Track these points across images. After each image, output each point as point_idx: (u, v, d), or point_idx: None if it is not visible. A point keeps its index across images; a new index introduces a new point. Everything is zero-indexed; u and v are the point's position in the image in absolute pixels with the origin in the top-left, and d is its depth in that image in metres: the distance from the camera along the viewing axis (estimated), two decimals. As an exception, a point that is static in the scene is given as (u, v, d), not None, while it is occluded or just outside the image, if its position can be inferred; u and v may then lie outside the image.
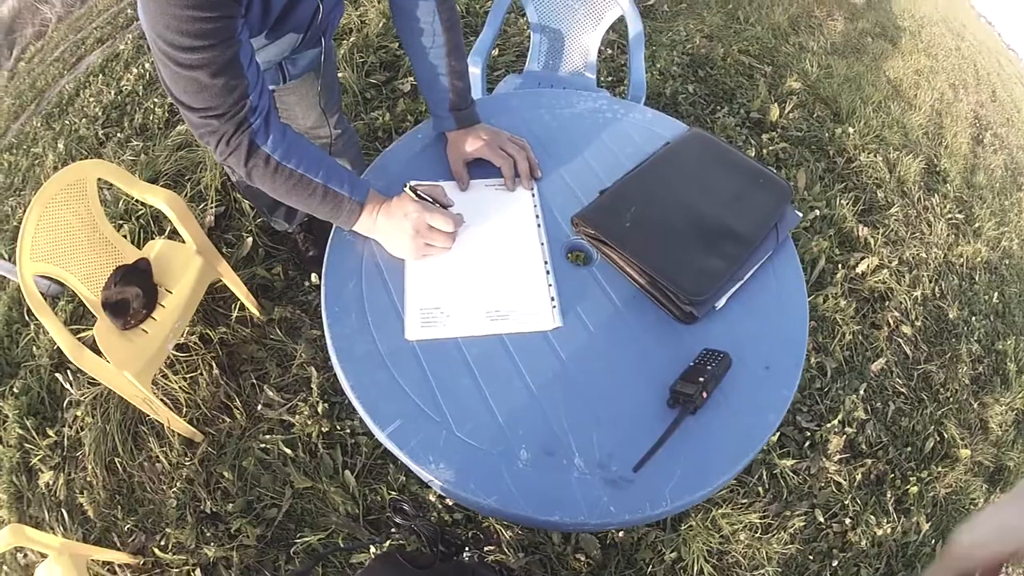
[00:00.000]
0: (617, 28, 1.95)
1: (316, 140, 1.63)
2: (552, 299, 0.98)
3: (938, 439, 2.09)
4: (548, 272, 1.02)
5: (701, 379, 0.88)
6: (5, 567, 1.76)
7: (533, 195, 1.13)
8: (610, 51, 2.99)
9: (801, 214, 1.16)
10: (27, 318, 2.17)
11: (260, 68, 0.92)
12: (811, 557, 1.75)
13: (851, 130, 3.01)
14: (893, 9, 5.07)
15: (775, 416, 0.91)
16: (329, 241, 1.05)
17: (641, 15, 1.90)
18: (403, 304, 0.97)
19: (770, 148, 2.74)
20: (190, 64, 0.80)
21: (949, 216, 2.89)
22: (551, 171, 1.18)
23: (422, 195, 1.02)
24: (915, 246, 2.64)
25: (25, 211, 1.46)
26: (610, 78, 2.87)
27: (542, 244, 1.05)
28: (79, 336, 1.95)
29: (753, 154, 2.68)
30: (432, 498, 1.66)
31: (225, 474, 1.72)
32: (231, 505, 1.68)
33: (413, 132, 1.23)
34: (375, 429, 0.86)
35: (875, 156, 2.94)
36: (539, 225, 1.08)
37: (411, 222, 0.98)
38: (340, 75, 2.58)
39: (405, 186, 1.04)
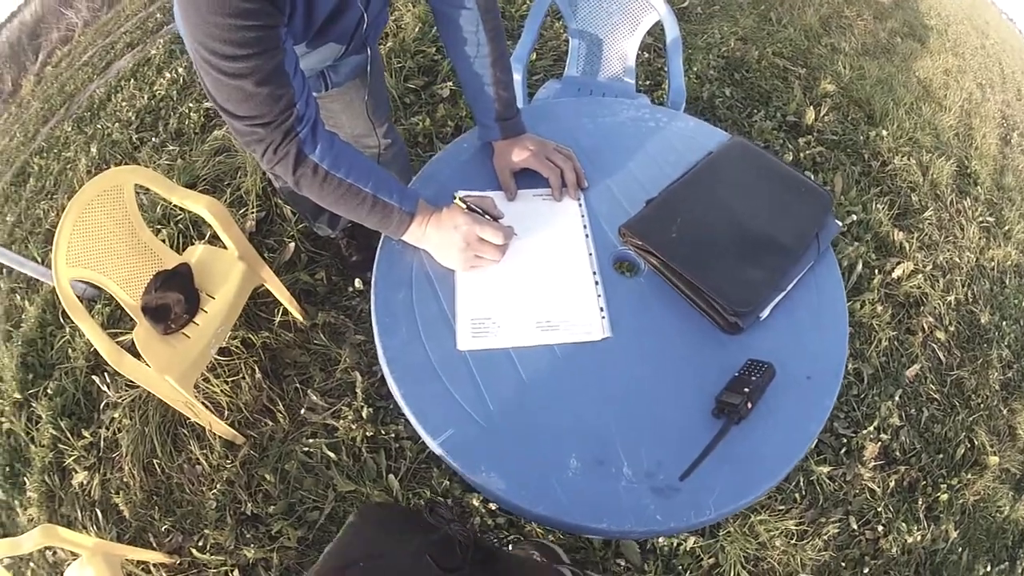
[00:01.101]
0: (653, 32, 1.95)
1: (364, 150, 1.63)
2: (601, 310, 0.99)
3: (968, 446, 2.07)
4: (597, 283, 1.02)
5: (746, 390, 0.89)
6: (32, 564, 1.79)
7: (580, 205, 1.13)
8: (647, 55, 3.00)
9: (840, 223, 1.15)
10: (62, 320, 2.22)
11: (305, 76, 0.92)
12: (843, 564, 1.75)
13: (884, 133, 2.99)
14: (920, 8, 5.02)
15: (816, 425, 0.91)
16: (378, 251, 1.06)
17: (676, 18, 1.90)
18: (454, 314, 0.98)
19: (807, 152, 2.73)
20: (234, 73, 0.80)
21: (980, 219, 2.85)
22: (596, 181, 1.18)
23: (473, 207, 1.03)
24: (948, 250, 2.61)
25: (58, 217, 1.48)
26: (647, 82, 2.88)
27: (590, 254, 1.06)
28: (117, 339, 1.99)
29: (790, 158, 2.67)
30: (476, 502, 1.67)
31: (267, 477, 1.75)
32: (272, 507, 1.71)
33: (459, 141, 1.24)
34: (427, 438, 0.88)
35: (908, 159, 2.91)
36: (587, 235, 1.09)
37: (461, 234, 0.98)
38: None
39: (455, 197, 1.04)
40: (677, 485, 0.84)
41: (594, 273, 1.03)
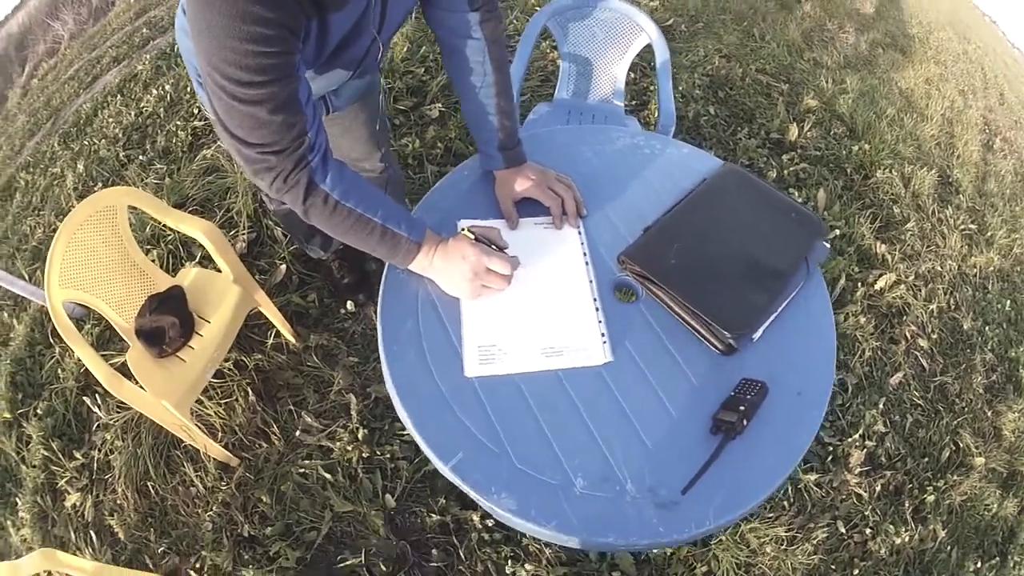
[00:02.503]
0: (640, 52, 1.98)
1: (361, 173, 1.64)
2: (603, 335, 1.02)
3: (953, 448, 2.13)
4: (598, 309, 1.06)
5: (741, 408, 0.94)
6: None
7: (580, 233, 1.17)
8: (632, 74, 3.03)
9: (829, 246, 1.20)
10: (51, 340, 2.19)
11: (315, 105, 0.92)
12: (833, 567, 1.79)
13: (867, 146, 3.06)
14: (901, 16, 5.12)
15: (807, 437, 0.97)
16: (383, 280, 1.08)
17: (665, 41, 1.94)
18: (461, 342, 1.00)
19: (790, 169, 2.79)
20: (249, 99, 0.79)
21: (962, 227, 2.93)
22: (595, 208, 1.22)
23: (480, 237, 1.05)
24: (930, 259, 2.68)
25: (49, 233, 1.46)
26: (634, 102, 2.91)
27: (590, 281, 1.09)
28: (109, 363, 1.98)
29: (774, 176, 2.72)
30: (475, 518, 1.69)
31: (263, 498, 1.75)
32: (269, 528, 1.71)
33: (460, 168, 1.27)
34: (437, 463, 0.90)
35: (890, 172, 2.98)
36: (587, 263, 1.12)
37: (470, 265, 1.01)
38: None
39: (461, 229, 1.07)
40: (679, 499, 0.88)
41: (595, 300, 1.07)
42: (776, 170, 2.76)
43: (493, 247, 1.06)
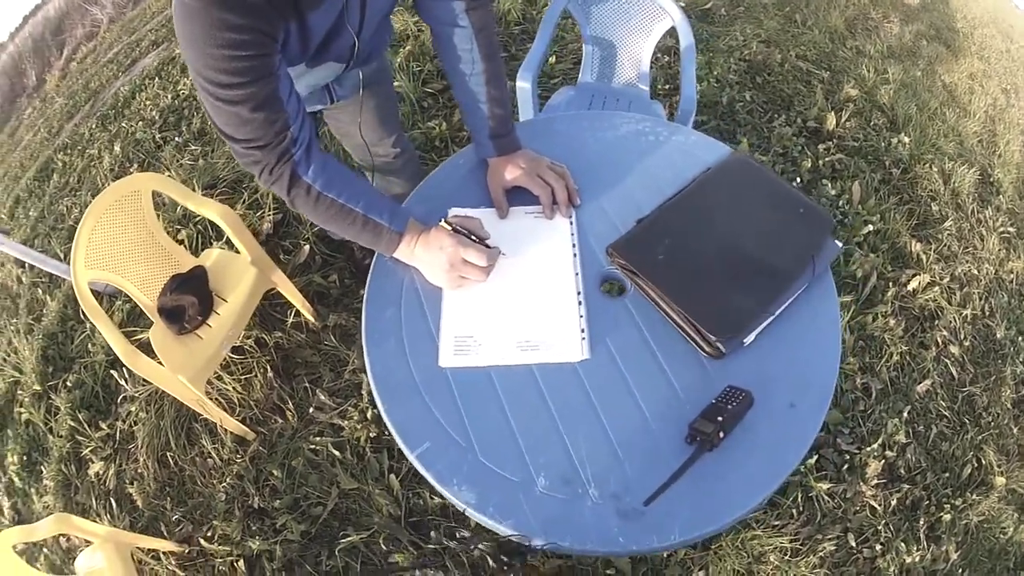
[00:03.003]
0: (675, 34, 1.94)
1: (375, 159, 1.66)
2: (582, 331, 1.01)
3: (976, 465, 2.03)
4: (580, 303, 1.04)
5: (720, 418, 0.89)
6: (46, 550, 1.88)
7: (571, 223, 1.14)
8: (667, 58, 2.97)
9: (841, 244, 1.14)
10: (82, 316, 2.30)
11: (300, 99, 0.96)
12: (838, 583, 1.74)
13: (907, 139, 2.92)
14: (946, 10, 4.88)
15: (795, 456, 0.90)
16: (371, 268, 1.09)
17: (698, 19, 1.90)
18: (439, 332, 1.01)
19: (826, 159, 2.69)
20: (231, 99, 0.85)
21: (1001, 230, 2.78)
22: (591, 198, 1.19)
23: (458, 228, 1.05)
24: (967, 262, 2.55)
25: (80, 214, 1.54)
26: (667, 86, 2.85)
27: (576, 274, 1.07)
28: (135, 338, 2.07)
29: (809, 165, 2.63)
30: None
31: (274, 472, 1.81)
32: (278, 502, 1.77)
33: (455, 158, 1.26)
34: (405, 450, 0.92)
35: (930, 167, 2.84)
36: (575, 255, 1.10)
37: (447, 255, 1.01)
38: (396, 84, 2.62)
39: (442, 219, 1.07)
40: (642, 509, 0.85)
41: (578, 293, 1.05)
42: (811, 160, 2.66)
43: (473, 238, 1.05)
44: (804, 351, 1.00)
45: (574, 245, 1.12)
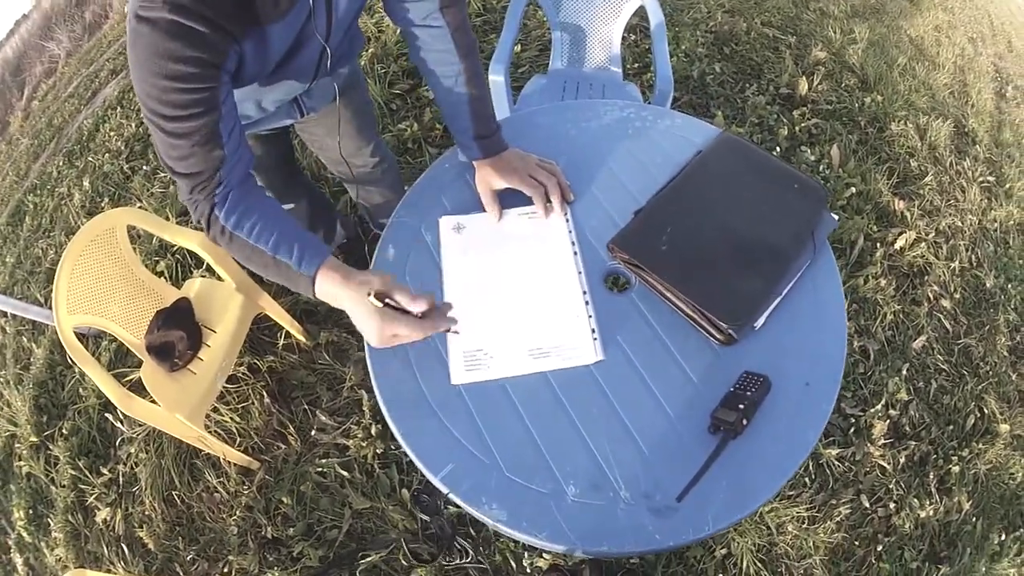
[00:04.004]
0: (640, 11, 1.92)
1: (353, 169, 1.62)
2: (593, 331, 0.99)
3: (978, 415, 2.06)
4: (587, 303, 1.02)
5: (741, 406, 0.89)
6: None
7: (567, 220, 1.12)
8: (633, 36, 2.94)
9: (837, 217, 1.13)
10: (70, 360, 2.24)
11: (242, 136, 0.91)
12: (857, 543, 1.75)
13: (879, 98, 2.94)
14: (908, -39, 4.92)
15: (814, 433, 0.91)
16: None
17: (659, 2, 1.87)
18: (446, 348, 0.98)
19: (802, 125, 2.69)
20: (172, 132, 0.83)
21: (981, 180, 2.81)
22: (583, 192, 1.16)
23: (388, 303, 0.88)
24: (950, 215, 2.58)
25: (57, 255, 1.49)
26: (636, 64, 2.82)
27: (579, 273, 1.05)
28: (126, 379, 2.02)
29: (786, 132, 2.63)
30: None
31: (284, 500, 1.78)
32: (292, 529, 1.74)
33: (440, 162, 1.23)
34: (428, 474, 0.89)
35: (905, 123, 2.86)
36: (575, 252, 1.08)
37: (374, 331, 0.87)
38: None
39: (369, 294, 0.87)
40: (675, 505, 0.84)
41: (584, 293, 1.03)
42: (787, 127, 2.66)
43: (399, 311, 0.88)
44: (812, 328, 1.00)
45: (573, 243, 1.10)
